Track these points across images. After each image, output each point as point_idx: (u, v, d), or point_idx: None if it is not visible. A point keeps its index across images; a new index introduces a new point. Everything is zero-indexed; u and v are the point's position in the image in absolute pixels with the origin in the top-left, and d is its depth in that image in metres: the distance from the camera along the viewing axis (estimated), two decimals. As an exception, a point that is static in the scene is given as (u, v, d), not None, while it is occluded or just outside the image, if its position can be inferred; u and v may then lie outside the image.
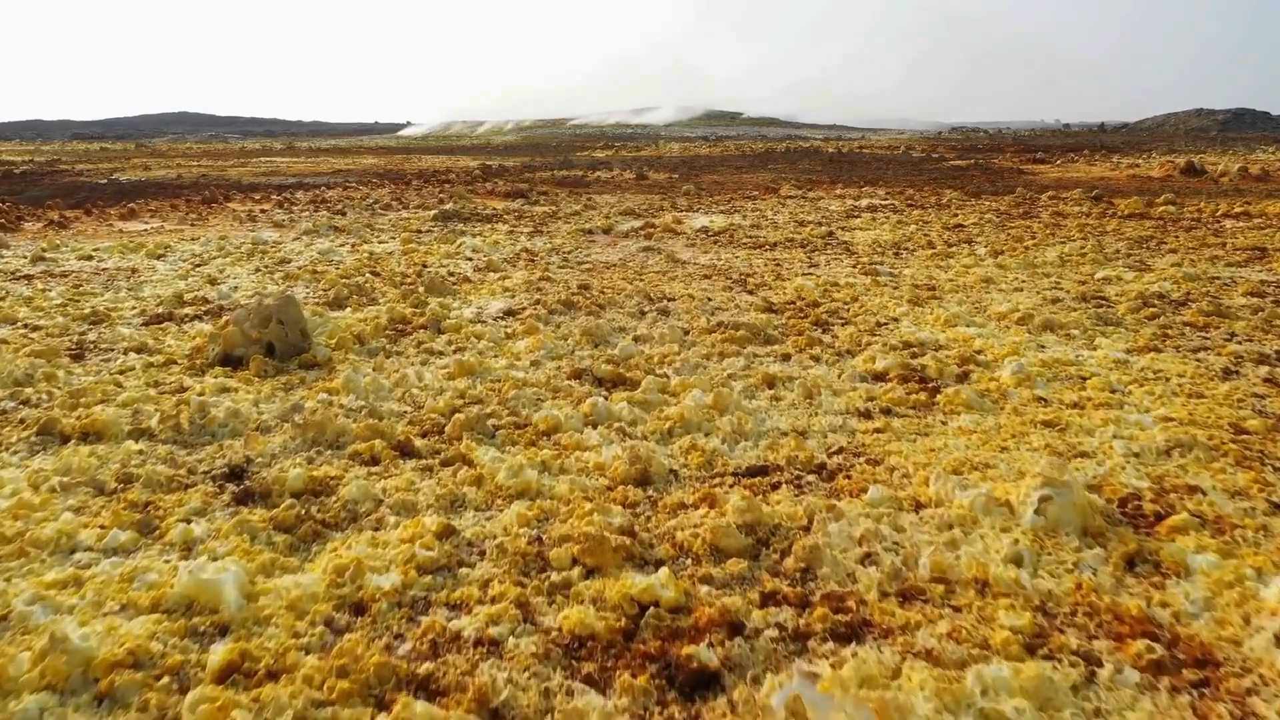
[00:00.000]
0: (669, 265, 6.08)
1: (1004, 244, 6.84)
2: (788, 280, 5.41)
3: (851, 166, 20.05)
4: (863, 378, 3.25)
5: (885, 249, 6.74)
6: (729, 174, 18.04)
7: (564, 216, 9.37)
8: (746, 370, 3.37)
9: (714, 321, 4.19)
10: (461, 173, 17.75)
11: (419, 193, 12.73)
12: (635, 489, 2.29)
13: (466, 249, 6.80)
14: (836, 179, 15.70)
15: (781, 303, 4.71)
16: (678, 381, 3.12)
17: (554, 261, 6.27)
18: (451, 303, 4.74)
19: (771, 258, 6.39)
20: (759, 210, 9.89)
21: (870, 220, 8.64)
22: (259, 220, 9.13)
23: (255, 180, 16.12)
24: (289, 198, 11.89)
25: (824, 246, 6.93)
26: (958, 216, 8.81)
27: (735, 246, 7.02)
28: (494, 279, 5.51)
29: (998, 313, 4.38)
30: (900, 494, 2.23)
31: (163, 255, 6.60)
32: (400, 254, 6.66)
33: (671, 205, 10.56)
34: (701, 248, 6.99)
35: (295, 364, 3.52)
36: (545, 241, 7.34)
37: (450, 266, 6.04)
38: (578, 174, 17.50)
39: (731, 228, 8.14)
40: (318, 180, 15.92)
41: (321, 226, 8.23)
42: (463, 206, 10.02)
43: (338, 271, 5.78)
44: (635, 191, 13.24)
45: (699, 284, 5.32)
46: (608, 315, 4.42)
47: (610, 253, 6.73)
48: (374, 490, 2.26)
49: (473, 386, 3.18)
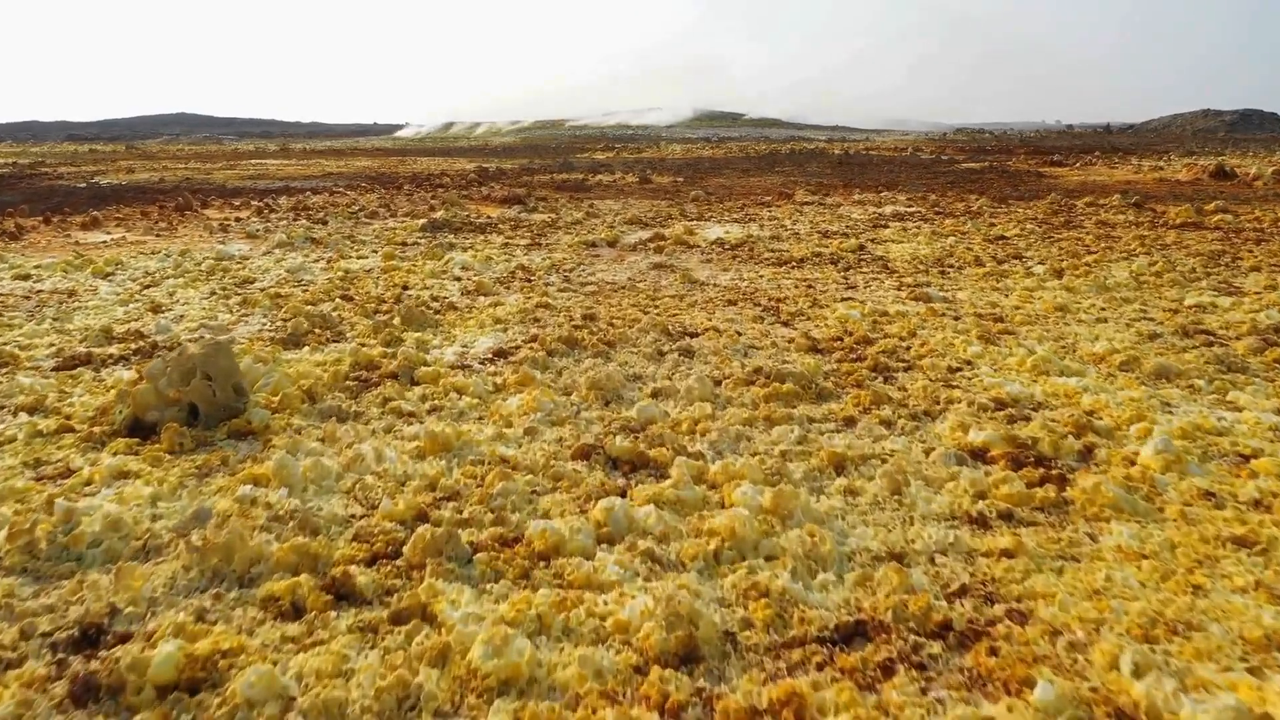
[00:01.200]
0: (685, 287, 5.31)
1: (1060, 260, 6.08)
2: (826, 307, 4.65)
3: (862, 169, 19.30)
4: (958, 457, 2.48)
5: (928, 266, 5.97)
6: (736, 177, 17.28)
7: (564, 226, 8.61)
8: (803, 445, 2.60)
9: (749, 367, 3.43)
10: (456, 176, 16.99)
11: (409, 198, 11.96)
12: (677, 674, 1.52)
13: (455, 266, 6.03)
14: (850, 183, 14.94)
15: (826, 339, 3.94)
16: (719, 467, 2.35)
17: (553, 282, 5.50)
18: (431, 339, 3.97)
19: (801, 277, 5.62)
20: (776, 219, 9.12)
21: (901, 231, 7.87)
22: (231, 230, 8.36)
23: (240, 184, 15.35)
24: (270, 204, 11.12)
25: (857, 263, 6.16)
26: (995, 226, 8.04)
27: (757, 263, 6.25)
28: (484, 305, 4.74)
29: (1092, 354, 3.61)
30: (1084, 689, 1.46)
31: (111, 274, 5.83)
32: (380, 272, 5.89)
33: (680, 213, 9.79)
34: (719, 264, 6.22)
35: (223, 432, 2.75)
36: (544, 256, 6.57)
37: (435, 289, 5.27)
38: (578, 177, 16.73)
39: (749, 240, 7.37)
40: (305, 184, 15.16)
41: (297, 238, 7.45)
42: (454, 215, 9.25)
43: (304, 296, 5.01)
44: (639, 196, 12.47)
45: (723, 312, 4.55)
46: (619, 356, 3.66)
47: (617, 270, 5.96)
48: (281, 682, 1.49)
49: (447, 472, 2.40)
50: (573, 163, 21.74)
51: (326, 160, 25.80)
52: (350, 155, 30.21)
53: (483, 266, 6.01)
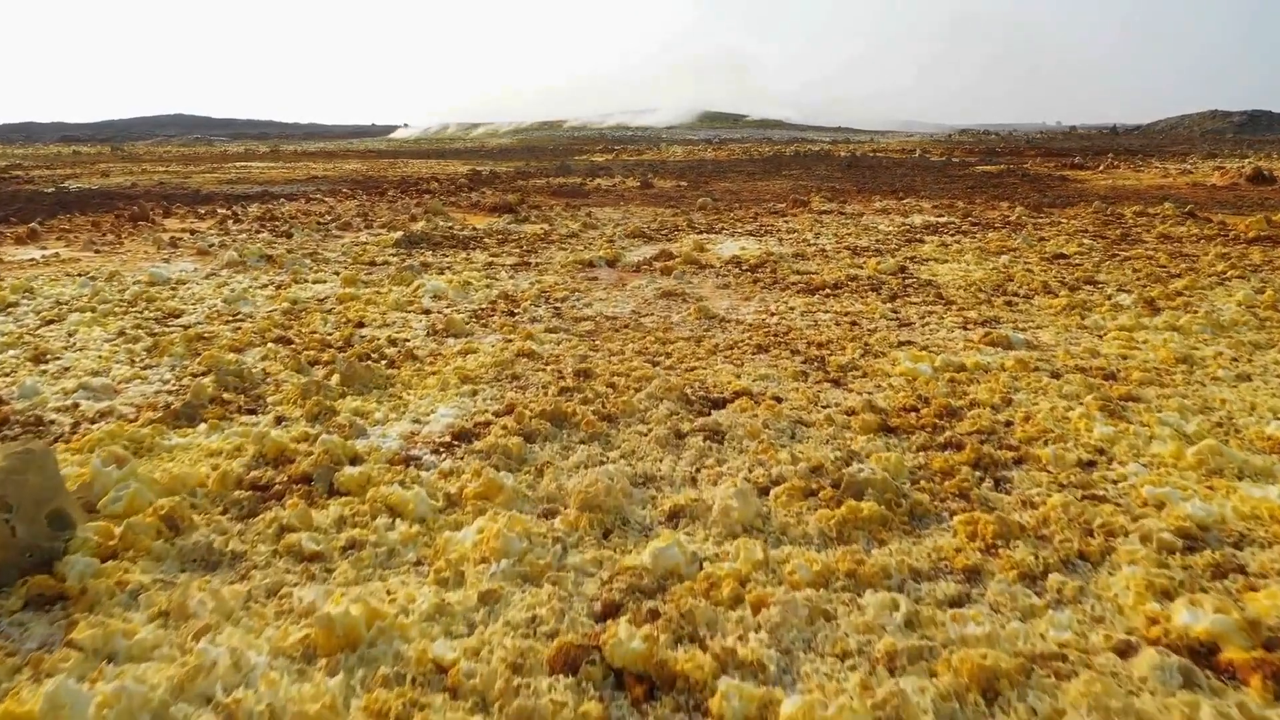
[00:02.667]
0: (703, 324, 4.35)
1: (1144, 286, 5.12)
2: (883, 356, 3.69)
3: (873, 173, 18.34)
4: (1182, 671, 1.52)
5: (988, 293, 5.01)
6: (742, 181, 16.32)
7: (558, 240, 7.65)
8: (918, 636, 1.64)
9: (803, 462, 2.47)
10: (447, 180, 16.03)
11: (391, 206, 11.00)
12: None
13: (425, 294, 5.07)
14: (865, 188, 13.99)
15: (895, 408, 2.98)
16: (798, 710, 1.39)
17: (541, 316, 4.55)
18: (375, 409, 3.01)
19: (841, 310, 4.66)
20: (795, 231, 8.16)
21: (941, 247, 6.91)
22: (181, 246, 7.40)
23: (215, 189, 14.40)
24: (237, 212, 10.17)
25: (903, 289, 5.20)
26: (1047, 241, 7.09)
27: (784, 289, 5.29)
28: (452, 352, 3.78)
29: (1265, 437, 2.66)
30: None
31: (14, 304, 4.87)
32: (335, 302, 4.93)
33: (688, 224, 8.83)
34: (739, 290, 5.27)
35: (19, 594, 1.80)
36: (532, 280, 5.61)
37: (396, 327, 4.31)
38: (575, 181, 15.76)
39: (770, 257, 6.41)
40: (283, 190, 14.20)
41: (251, 256, 6.49)
42: (435, 227, 8.29)
43: (232, 339, 4.05)
44: (641, 203, 11.51)
45: (754, 364, 3.58)
46: (622, 439, 2.70)
47: (619, 299, 5.00)
48: None
49: (343, 708, 1.44)
50: (570, 166, 20.78)
51: (315, 163, 24.84)
52: (341, 157, 29.25)
53: (458, 295, 5.05)
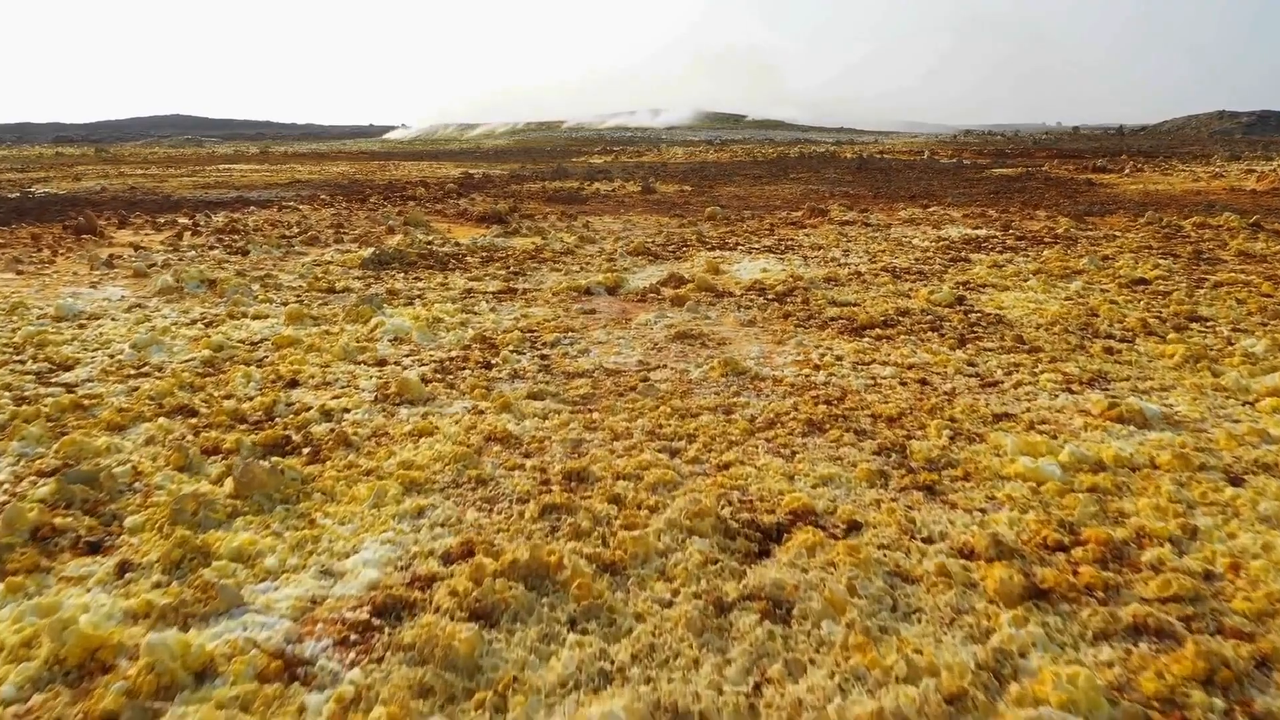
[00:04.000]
0: (730, 384, 3.40)
1: (1264, 325, 4.18)
2: (980, 441, 2.74)
3: (886, 176, 17.40)
4: None
5: (1077, 335, 4.07)
6: (749, 185, 15.36)
7: (551, 258, 6.70)
8: None
9: (925, 678, 1.53)
10: (435, 185, 15.07)
11: (371, 215, 10.04)
12: None
13: (384, 336, 4.12)
14: (882, 193, 13.04)
15: (1031, 546, 2.03)
16: None
17: (524, 371, 3.59)
18: (268, 551, 2.05)
19: (903, 360, 3.70)
20: (820, 247, 7.21)
21: (994, 269, 5.96)
22: (119, 266, 6.44)
23: (187, 194, 13.43)
24: (200, 222, 9.21)
25: (969, 328, 4.26)
26: (1114, 262, 6.14)
27: (822, 326, 4.34)
28: (400, 434, 2.83)
29: None
30: None
31: (-128, 351, 3.92)
32: (270, 348, 3.98)
33: (697, 237, 7.88)
34: (768, 328, 4.32)
35: None
36: (517, 314, 4.66)
37: (335, 390, 3.35)
38: (572, 186, 14.80)
39: (797, 283, 5.46)
40: (259, 195, 13.24)
41: (190, 281, 5.54)
42: (413, 242, 7.33)
43: (119, 406, 3.10)
44: (643, 210, 10.57)
45: (809, 455, 2.64)
46: (631, 608, 1.76)
47: (622, 342, 4.05)
48: None
49: None
50: (567, 168, 19.82)
51: (302, 165, 23.87)
52: (330, 159, 28.28)
53: (424, 337, 4.10)
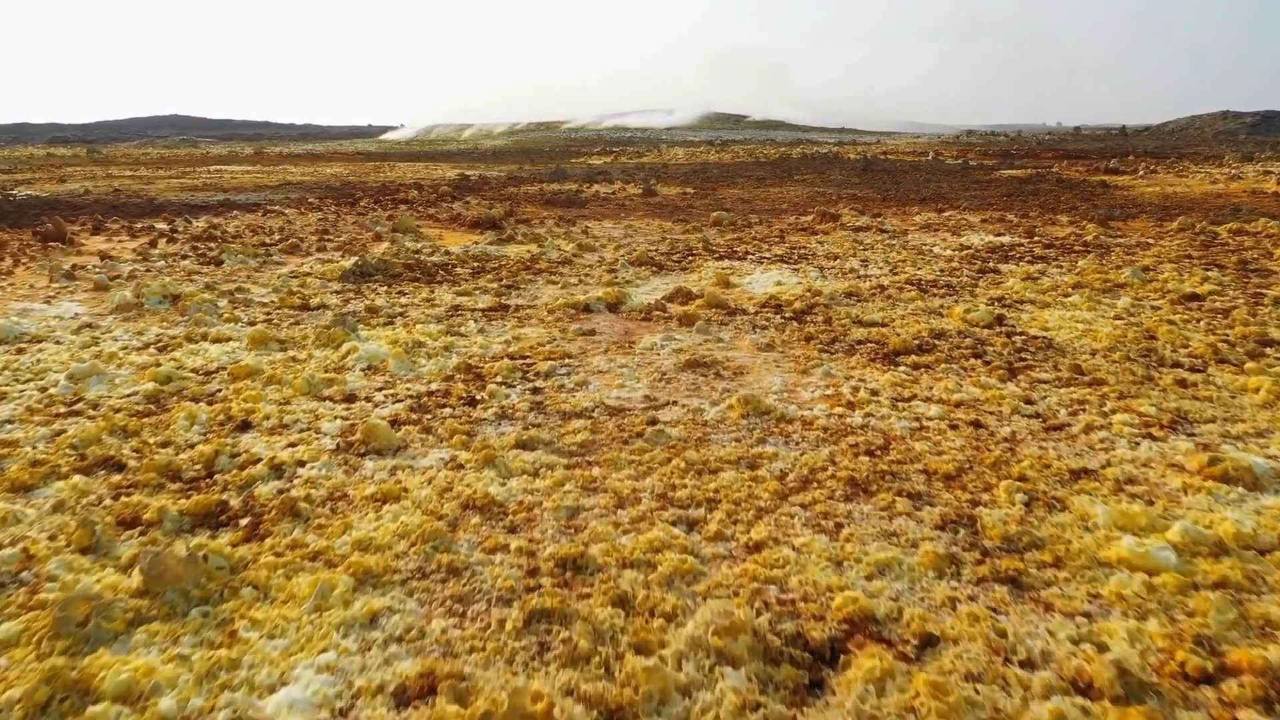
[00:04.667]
0: (752, 427, 2.92)
1: (1350, 351, 3.71)
2: (1062, 507, 2.26)
3: (893, 178, 16.93)
4: None
5: (1141, 364, 3.59)
6: (753, 188, 14.89)
7: (548, 269, 6.22)
8: None
9: None
10: (430, 187, 14.59)
11: (360, 219, 9.56)
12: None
13: (356, 365, 3.64)
14: (891, 196, 12.57)
15: (1167, 673, 1.56)
16: None
17: (514, 407, 3.11)
18: (165, 687, 1.58)
19: (948, 396, 3.22)
20: (835, 256, 6.74)
21: (1029, 281, 5.48)
22: (81, 277, 5.96)
23: (172, 197, 12.94)
24: (179, 228, 8.73)
25: (1016, 354, 3.78)
26: (1160, 275, 5.67)
27: (850, 351, 3.87)
28: (363, 495, 2.35)
29: None
30: None
31: None
32: (226, 378, 3.50)
33: (703, 244, 7.39)
34: (789, 353, 3.84)
35: None
36: (508, 337, 4.18)
37: (289, 437, 2.87)
38: (571, 189, 14.31)
39: (815, 297, 4.99)
40: (247, 198, 12.75)
41: (151, 297, 5.06)
42: (400, 250, 6.86)
43: (34, 456, 2.62)
44: (645, 214, 10.09)
45: (857, 530, 2.16)
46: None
47: (625, 373, 3.57)
48: None
49: None
50: (566, 170, 19.33)
51: (296, 166, 23.38)
52: (326, 160, 27.80)
53: (402, 366, 3.62)
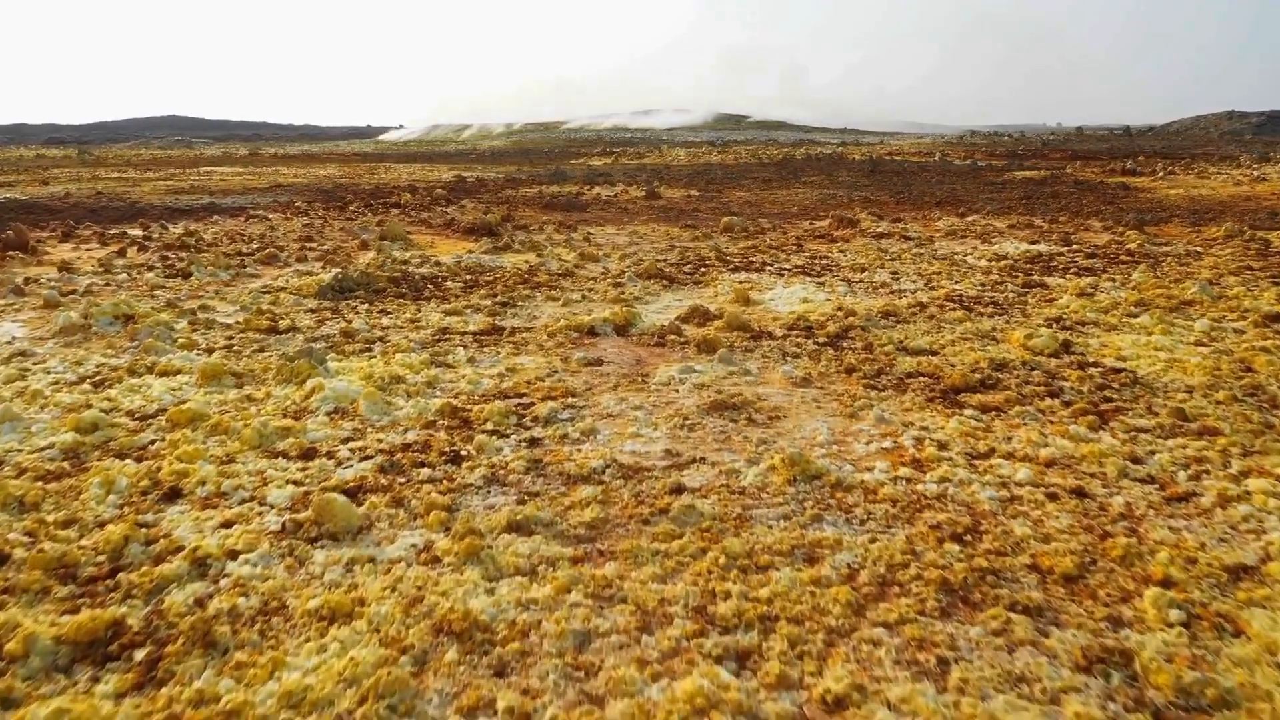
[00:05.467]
0: (802, 500, 2.34)
1: None
2: (1236, 628, 1.69)
3: (903, 180, 16.36)
4: None
5: (1254, 405, 3.02)
6: (760, 190, 14.32)
7: (547, 282, 5.65)
8: None
9: None
10: (425, 190, 14.01)
11: (347, 225, 8.99)
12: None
13: (321, 405, 3.07)
14: (905, 199, 12.00)
15: None
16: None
17: (506, 468, 2.54)
18: None
19: (1034, 454, 2.65)
20: (861, 268, 6.17)
21: (1086, 300, 4.92)
22: (31, 293, 5.39)
23: (155, 201, 12.37)
24: (154, 234, 8.16)
25: (1098, 393, 3.21)
26: (1231, 293, 5.10)
27: (901, 388, 3.30)
28: (304, 610, 1.78)
29: None
30: None
31: None
32: (165, 426, 2.93)
33: (716, 254, 6.82)
34: (830, 390, 3.27)
35: None
36: (500, 369, 3.61)
37: (225, 512, 2.29)
38: (571, 191, 13.74)
39: (849, 317, 4.42)
40: (233, 202, 12.18)
41: (102, 317, 4.49)
42: (387, 260, 6.29)
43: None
44: (650, 219, 9.53)
45: (975, 680, 1.59)
46: None
47: (639, 417, 3.00)
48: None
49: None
50: (566, 171, 18.76)
51: (288, 168, 22.80)
52: (321, 161, 27.22)
53: (374, 408, 3.04)
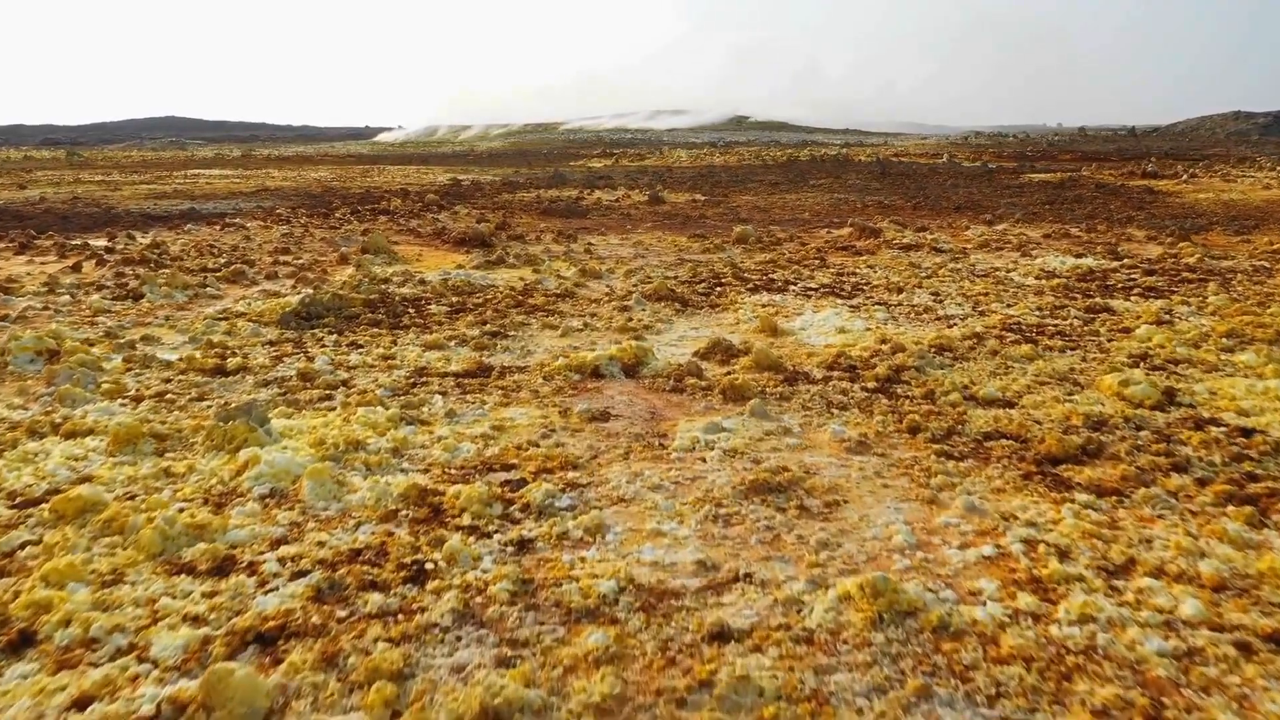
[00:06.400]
0: (895, 655, 1.66)
1: None
2: None
3: (916, 183, 15.69)
4: None
5: None
6: (768, 194, 13.65)
7: (544, 304, 4.98)
8: None
9: None
10: (417, 194, 13.33)
11: (329, 234, 8.32)
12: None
13: (255, 486, 2.40)
14: (923, 205, 11.34)
15: None
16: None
17: (483, 591, 1.86)
18: None
19: (1189, 565, 1.98)
20: (897, 287, 5.50)
21: (1168, 332, 4.25)
22: (-45, 318, 4.72)
23: (131, 206, 11.69)
24: (114, 247, 7.48)
25: (1234, 465, 2.54)
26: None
27: (983, 456, 2.63)
28: None
29: None
30: None
31: None
32: (48, 519, 2.26)
33: (731, 269, 6.15)
34: (897, 463, 2.61)
35: None
36: (485, 429, 2.94)
37: (80, 678, 1.61)
38: (571, 195, 13.07)
39: (898, 354, 3.75)
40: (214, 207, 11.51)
41: (20, 354, 3.81)
42: (364, 279, 5.62)
43: None
44: (654, 226, 8.88)
45: None
46: None
47: (660, 508, 2.32)
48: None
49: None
50: (565, 174, 18.09)
51: (279, 170, 22.11)
52: (314, 164, 26.54)
53: (321, 492, 2.37)
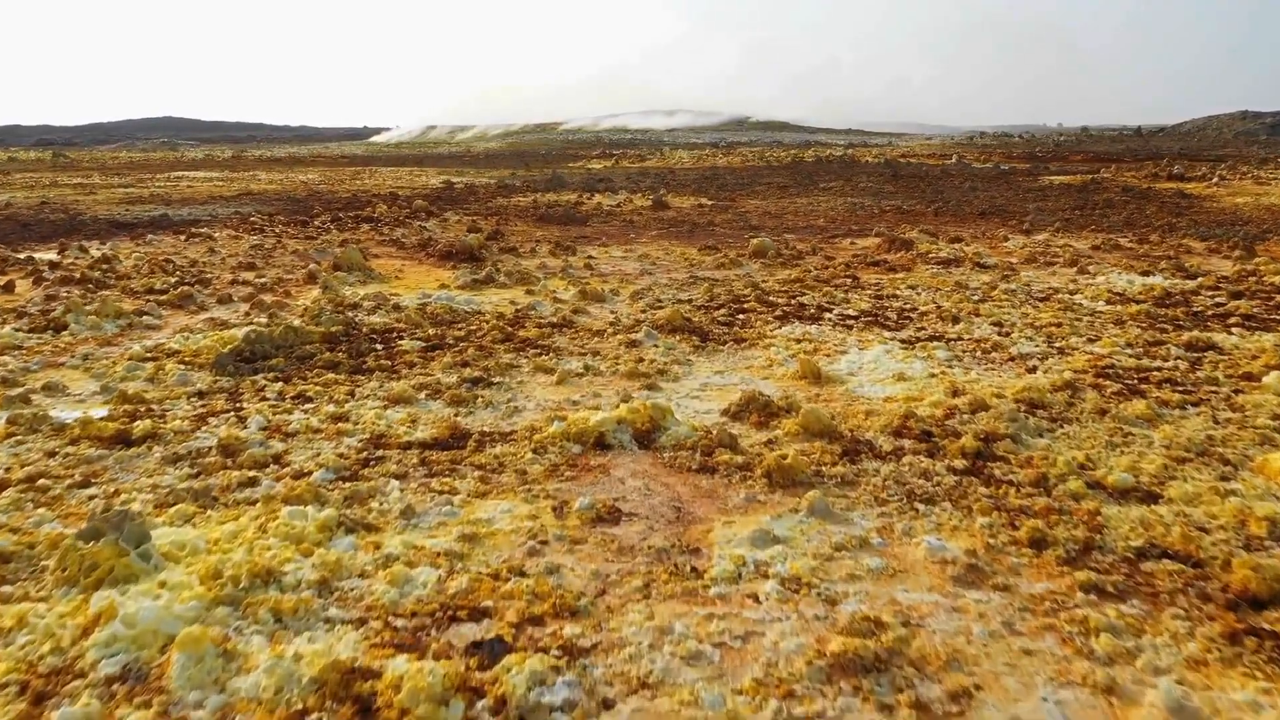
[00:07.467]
0: None
1: None
2: None
3: (932, 186, 14.90)
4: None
5: None
6: (777, 198, 12.86)
7: (538, 338, 4.20)
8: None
9: None
10: (406, 199, 12.52)
11: (304, 246, 7.54)
12: None
13: (98, 663, 1.62)
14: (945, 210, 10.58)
15: None
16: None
17: None
18: None
19: None
20: (944, 310, 4.71)
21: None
22: None
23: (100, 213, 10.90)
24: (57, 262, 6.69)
25: None
26: None
27: (1147, 589, 1.86)
28: None
29: None
30: None
31: None
32: None
33: (751, 289, 5.37)
34: (1025, 598, 1.83)
35: None
36: (452, 537, 2.15)
37: None
38: (569, 200, 12.28)
39: (983, 414, 2.98)
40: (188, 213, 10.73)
41: (-122, 411, 3.03)
42: (324, 309, 4.83)
43: None
44: (660, 235, 8.10)
45: None
46: None
47: (701, 709, 1.55)
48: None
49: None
50: (563, 176, 17.28)
51: (267, 172, 21.30)
52: (304, 165, 25.73)
53: (193, 676, 1.58)
